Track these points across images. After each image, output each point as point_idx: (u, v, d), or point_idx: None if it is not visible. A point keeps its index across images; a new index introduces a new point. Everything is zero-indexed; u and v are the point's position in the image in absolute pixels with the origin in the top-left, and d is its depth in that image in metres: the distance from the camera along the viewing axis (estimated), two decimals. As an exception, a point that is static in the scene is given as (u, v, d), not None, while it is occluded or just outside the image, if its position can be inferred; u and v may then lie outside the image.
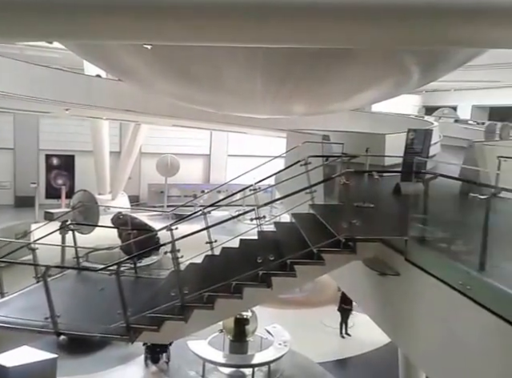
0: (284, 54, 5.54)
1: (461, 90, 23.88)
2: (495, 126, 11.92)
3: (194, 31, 3.40)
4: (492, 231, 4.05)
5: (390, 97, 10.90)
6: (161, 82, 7.80)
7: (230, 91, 7.33)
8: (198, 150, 29.35)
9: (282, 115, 11.66)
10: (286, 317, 13.78)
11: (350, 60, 6.40)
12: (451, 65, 8.30)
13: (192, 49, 4.45)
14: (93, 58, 8.45)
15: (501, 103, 22.39)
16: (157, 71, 6.91)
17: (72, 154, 27.49)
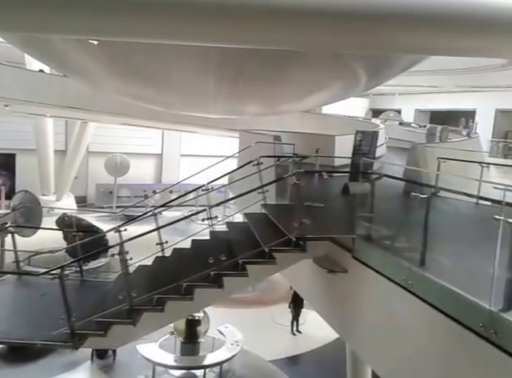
0: (236, 53, 5.53)
1: (405, 95, 25.02)
2: (435, 129, 12.59)
3: (139, 28, 3.33)
4: (432, 228, 4.28)
5: (339, 99, 11.20)
6: (108, 79, 7.54)
7: (181, 90, 7.22)
8: (150, 149, 28.55)
9: (234, 115, 11.67)
10: (239, 317, 13.80)
11: (300, 62, 6.50)
12: (395, 70, 8.66)
13: (141, 45, 4.34)
14: (34, 52, 8.01)
15: (441, 107, 23.76)
16: (104, 67, 6.67)
17: (13, 153, 25.96)
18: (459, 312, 3.38)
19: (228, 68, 6.32)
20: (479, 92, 18.70)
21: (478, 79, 13.69)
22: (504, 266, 3.18)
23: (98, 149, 26.82)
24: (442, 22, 3.78)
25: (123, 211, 14.26)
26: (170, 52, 5.39)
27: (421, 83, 17.14)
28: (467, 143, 11.28)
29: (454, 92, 19.62)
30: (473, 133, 13.18)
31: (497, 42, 4.24)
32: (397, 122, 20.61)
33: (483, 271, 3.34)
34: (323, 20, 3.54)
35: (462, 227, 5.22)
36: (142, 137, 26.88)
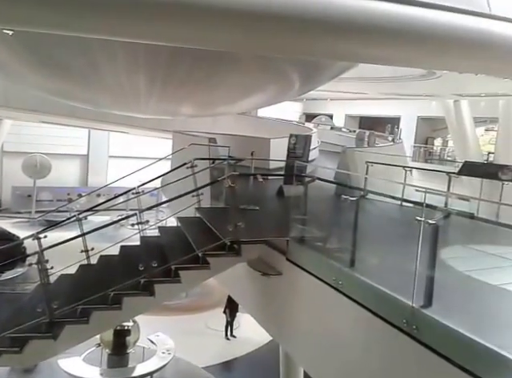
0: (168, 53, 5.34)
1: (336, 100, 25.98)
2: (364, 134, 13.19)
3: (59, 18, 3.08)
4: (361, 229, 4.41)
5: (273, 103, 11.32)
6: (28, 73, 6.96)
7: (109, 88, 6.85)
8: (74, 149, 26.29)
9: (166, 116, 11.34)
10: (172, 324, 13.44)
11: (233, 65, 6.45)
12: (326, 76, 8.91)
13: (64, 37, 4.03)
14: None
15: (369, 113, 25.04)
16: (22, 60, 6.14)
17: None
18: (385, 310, 3.51)
19: (159, 67, 6.10)
20: (403, 100, 19.92)
21: (401, 88, 14.55)
22: (425, 264, 3.34)
23: (15, 148, 24.46)
24: (359, 32, 3.92)
25: (43, 216, 13.11)
26: (96, 46, 5.07)
27: (350, 90, 17.86)
28: (392, 148, 11.93)
29: (381, 99, 20.71)
30: (397, 138, 13.99)
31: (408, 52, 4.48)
32: (329, 126, 21.35)
33: (407, 269, 3.48)
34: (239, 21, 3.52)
35: (389, 228, 5.47)
36: (65, 136, 24.81)
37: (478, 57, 4.73)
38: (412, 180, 9.39)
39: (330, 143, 15.85)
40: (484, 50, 4.58)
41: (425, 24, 4.12)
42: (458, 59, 4.79)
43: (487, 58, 4.75)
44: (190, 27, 3.48)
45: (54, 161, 23.71)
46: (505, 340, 2.79)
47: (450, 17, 4.24)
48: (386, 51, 4.35)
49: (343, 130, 20.20)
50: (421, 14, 4.09)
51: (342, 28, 3.82)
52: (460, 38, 4.34)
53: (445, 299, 3.40)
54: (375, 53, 4.40)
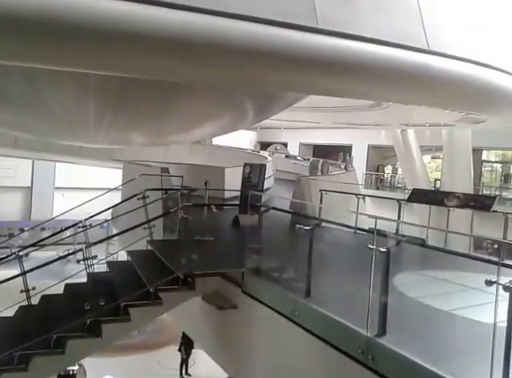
0: (117, 81, 5.23)
1: (290, 129, 26.58)
2: (317, 162, 13.49)
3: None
4: (316, 259, 4.40)
5: (227, 132, 11.37)
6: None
7: (55, 118, 6.61)
8: (16, 181, 24.35)
9: (117, 146, 11.08)
10: (123, 365, 12.68)
11: (186, 93, 6.44)
12: (279, 106, 9.09)
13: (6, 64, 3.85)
14: None
15: (322, 142, 25.74)
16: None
17: None
18: (341, 340, 3.46)
19: (109, 95, 5.96)
20: (354, 129, 20.69)
21: (352, 118, 15.13)
22: (378, 292, 3.34)
23: None
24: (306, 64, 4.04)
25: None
26: (40, 73, 4.89)
27: (303, 119, 18.36)
28: (345, 176, 12.25)
29: (334, 128, 21.40)
30: (349, 166, 14.39)
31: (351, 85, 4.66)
32: (283, 154, 21.70)
33: (361, 298, 3.47)
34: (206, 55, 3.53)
35: (343, 256, 5.50)
36: (6, 167, 23.24)
37: (419, 90, 4.98)
38: (365, 207, 9.61)
39: (284, 171, 16.07)
40: (423, 84, 4.83)
41: (369, 59, 4.29)
42: (399, 91, 5.02)
43: (426, 90, 5.01)
44: (132, 57, 3.44)
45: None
46: (457, 367, 2.81)
47: (393, 52, 4.46)
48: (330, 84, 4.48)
49: (298, 159, 20.59)
50: (366, 48, 4.28)
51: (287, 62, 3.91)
52: (400, 72, 4.55)
53: (398, 326, 3.40)
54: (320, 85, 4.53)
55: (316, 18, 4.09)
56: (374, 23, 4.51)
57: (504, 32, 6.19)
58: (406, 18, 4.83)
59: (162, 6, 3.30)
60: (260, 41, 3.71)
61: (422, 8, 4.87)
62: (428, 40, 4.81)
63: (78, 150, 12.56)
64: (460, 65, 4.96)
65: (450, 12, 5.38)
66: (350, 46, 4.22)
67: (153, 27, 3.29)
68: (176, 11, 3.34)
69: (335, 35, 4.16)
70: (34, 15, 2.95)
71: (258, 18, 3.64)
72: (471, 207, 6.07)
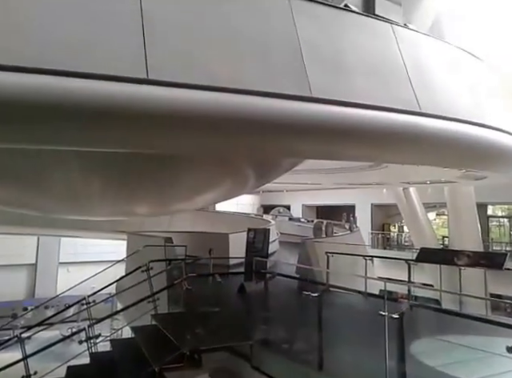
0: (121, 154, 5.36)
1: (292, 191, 26.80)
2: (321, 223, 13.43)
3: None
4: (327, 326, 4.22)
5: (229, 198, 11.45)
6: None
7: (58, 193, 6.72)
8: (20, 259, 23.72)
9: (120, 217, 11.13)
10: None
11: (187, 164, 6.58)
12: (280, 170, 9.23)
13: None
14: None
15: (325, 203, 25.79)
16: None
17: None
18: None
19: (112, 169, 6.09)
20: (356, 189, 20.81)
21: (353, 178, 15.29)
22: (395, 362, 3.17)
23: None
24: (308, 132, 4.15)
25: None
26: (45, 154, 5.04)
27: (305, 181, 18.57)
28: (350, 237, 12.12)
29: (336, 189, 21.55)
30: (354, 227, 14.30)
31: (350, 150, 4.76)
32: (286, 217, 21.69)
33: (378, 369, 3.28)
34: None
35: (354, 323, 5.27)
36: (11, 245, 22.95)
37: (413, 150, 5.07)
38: (373, 268, 9.41)
39: (289, 234, 15.96)
40: (417, 144, 4.93)
41: (362, 123, 4.42)
42: (394, 153, 5.11)
43: (421, 151, 5.10)
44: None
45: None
46: None
47: (386, 115, 4.60)
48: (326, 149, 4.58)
49: (301, 221, 20.55)
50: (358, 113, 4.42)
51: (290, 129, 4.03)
52: (394, 134, 4.67)
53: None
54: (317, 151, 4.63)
55: (309, 88, 4.27)
56: (365, 89, 4.69)
57: (491, 91, 6.43)
58: (397, 83, 5.04)
59: (167, 86, 3.45)
60: (257, 111, 3.85)
61: (411, 73, 5.10)
62: (419, 103, 4.98)
63: (83, 223, 12.62)
64: (452, 125, 5.09)
65: (438, 76, 5.62)
66: (342, 112, 4.36)
67: (163, 106, 3.41)
68: (179, 89, 3.48)
69: (328, 103, 4.32)
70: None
71: (256, 92, 3.79)
72: (483, 266, 5.93)
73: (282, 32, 4.29)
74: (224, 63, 3.77)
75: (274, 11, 4.31)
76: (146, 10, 3.43)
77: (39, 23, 3.06)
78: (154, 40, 3.42)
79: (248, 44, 4.01)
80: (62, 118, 3.08)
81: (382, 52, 4.89)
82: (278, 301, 5.61)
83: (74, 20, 3.18)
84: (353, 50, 4.60)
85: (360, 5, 5.36)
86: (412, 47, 5.20)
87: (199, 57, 3.66)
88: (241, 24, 3.99)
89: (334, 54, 4.44)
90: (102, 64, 3.17)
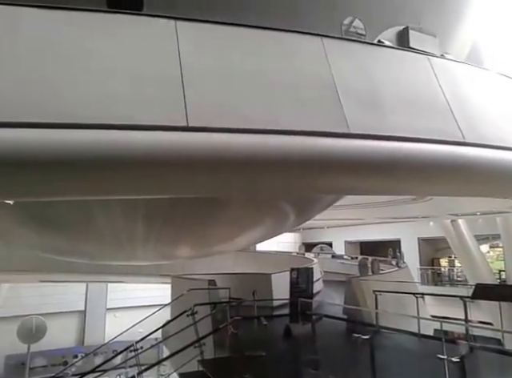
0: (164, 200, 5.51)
1: (333, 228, 26.31)
2: (366, 260, 13.02)
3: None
4: (380, 372, 3.97)
5: (271, 236, 11.40)
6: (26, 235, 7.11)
7: (105, 240, 6.94)
8: (71, 306, 24.04)
9: (164, 261, 11.30)
10: None
11: (229, 204, 6.65)
12: (320, 207, 9.14)
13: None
14: None
15: (368, 238, 25.04)
16: (21, 223, 6.31)
17: None
18: None
19: (156, 214, 6.25)
20: (401, 222, 20.14)
21: (396, 212, 14.88)
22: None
23: (10, 313, 22.89)
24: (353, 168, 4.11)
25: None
26: (92, 203, 5.26)
27: (346, 216, 18.25)
28: (398, 274, 11.62)
29: (379, 223, 20.97)
30: (401, 262, 13.74)
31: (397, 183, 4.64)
32: (329, 255, 21.19)
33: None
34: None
35: (410, 368, 4.94)
36: (61, 293, 23.73)
37: (460, 181, 4.88)
38: (424, 306, 8.91)
39: (333, 272, 15.54)
40: (464, 174, 4.75)
41: (403, 157, 4.33)
42: (442, 185, 4.94)
43: (468, 181, 4.91)
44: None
45: (49, 321, 21.61)
46: None
47: (431, 147, 4.49)
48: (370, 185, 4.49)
49: (345, 258, 20.02)
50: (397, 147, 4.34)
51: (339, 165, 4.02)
52: (443, 166, 4.53)
53: None
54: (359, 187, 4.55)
55: (347, 124, 4.27)
56: (405, 122, 4.62)
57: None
58: (437, 113, 4.94)
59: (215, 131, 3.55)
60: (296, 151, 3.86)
61: (451, 103, 5.00)
62: (463, 132, 4.84)
63: (128, 268, 12.92)
64: (499, 153, 4.89)
65: (480, 103, 5.48)
66: (382, 146, 4.30)
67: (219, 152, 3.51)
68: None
69: (367, 138, 4.28)
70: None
71: (294, 131, 3.83)
72: (548, 302, 5.46)
73: (316, 71, 4.35)
74: (260, 106, 3.85)
75: (307, 51, 4.41)
76: (185, 65, 3.59)
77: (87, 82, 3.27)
78: (193, 90, 3.55)
79: (282, 86, 4.09)
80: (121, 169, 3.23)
81: (420, 84, 4.85)
82: (326, 344, 5.38)
83: (116, 77, 3.37)
84: (389, 83, 4.59)
85: (394, 39, 5.38)
86: (450, 77, 5.13)
87: (235, 102, 3.77)
88: (275, 67, 4.09)
89: (369, 89, 4.44)
90: (146, 115, 3.32)
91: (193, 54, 3.73)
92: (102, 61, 3.36)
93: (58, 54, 3.25)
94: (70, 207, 5.38)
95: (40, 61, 3.17)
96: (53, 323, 22.13)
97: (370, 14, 5.64)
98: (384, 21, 5.75)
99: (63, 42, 3.32)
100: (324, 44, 4.47)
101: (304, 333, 5.93)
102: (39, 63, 3.16)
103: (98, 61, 3.34)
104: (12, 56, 3.12)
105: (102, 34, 3.51)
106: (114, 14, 3.69)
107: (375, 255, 15.47)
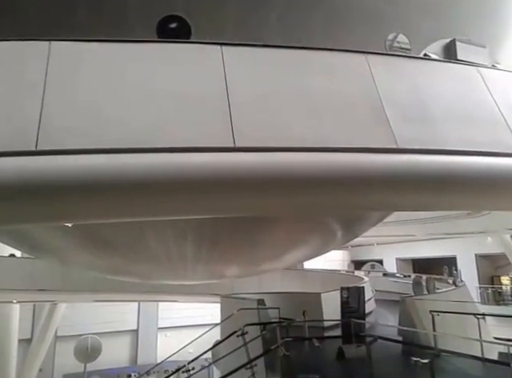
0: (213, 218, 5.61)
1: (384, 244, 25.51)
2: (421, 278, 12.47)
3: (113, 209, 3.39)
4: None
5: (319, 254, 11.24)
6: (83, 256, 7.46)
7: (158, 261, 7.13)
8: (124, 325, 24.76)
9: (213, 280, 11.42)
10: None
11: (277, 222, 6.66)
12: (369, 224, 8.93)
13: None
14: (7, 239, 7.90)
15: (422, 255, 23.98)
16: (78, 245, 6.64)
17: None
18: None
19: (204, 233, 6.37)
20: (455, 238, 19.21)
21: (449, 227, 14.25)
22: None
23: (68, 332, 23.69)
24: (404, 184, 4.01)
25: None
26: (145, 224, 5.44)
27: (396, 233, 17.68)
28: (456, 293, 11.01)
29: (432, 239, 20.11)
30: (458, 281, 13.05)
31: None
32: (380, 273, 20.52)
33: None
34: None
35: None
36: (114, 312, 24.39)
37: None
38: (486, 327, 8.39)
39: (385, 291, 15.02)
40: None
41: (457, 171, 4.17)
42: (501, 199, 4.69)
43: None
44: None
45: (104, 340, 22.28)
46: None
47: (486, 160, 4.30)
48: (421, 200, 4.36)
49: (397, 276, 19.30)
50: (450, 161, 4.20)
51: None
52: (502, 179, 4.32)
53: None
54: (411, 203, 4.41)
55: (395, 140, 4.19)
56: (455, 135, 4.47)
57: None
58: (490, 124, 4.75)
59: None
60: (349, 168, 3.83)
61: (505, 113, 4.79)
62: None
63: (178, 287, 13.18)
64: None
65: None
66: (433, 160, 4.17)
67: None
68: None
69: (416, 152, 4.17)
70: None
71: (345, 148, 3.81)
72: None
73: (362, 88, 4.33)
74: (307, 125, 3.87)
75: (351, 69, 4.41)
76: (231, 90, 3.69)
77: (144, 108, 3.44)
78: (239, 111, 3.64)
79: (328, 104, 4.09)
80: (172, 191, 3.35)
81: (471, 95, 4.70)
82: (382, 367, 5.16)
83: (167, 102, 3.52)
84: (438, 96, 4.49)
85: (440, 52, 5.27)
86: (502, 87, 4.93)
87: (282, 122, 3.81)
88: (319, 87, 4.11)
89: (418, 103, 4.35)
90: (195, 138, 3.43)
91: (238, 77, 3.84)
92: (154, 87, 3.53)
93: (116, 82, 3.46)
94: (124, 229, 5.60)
95: (102, 90, 3.39)
96: (107, 342, 22.82)
97: (414, 29, 5.57)
98: (429, 34, 5.65)
99: (120, 71, 3.55)
100: (368, 60, 4.45)
101: (358, 356, 5.72)
102: (103, 93, 3.38)
103: (151, 87, 3.52)
104: (78, 88, 3.36)
105: (154, 63, 3.71)
106: (165, 44, 3.90)
107: (429, 273, 14.80)
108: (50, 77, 3.34)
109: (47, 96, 3.24)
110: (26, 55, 3.49)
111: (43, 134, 3.08)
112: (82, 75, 3.43)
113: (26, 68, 3.40)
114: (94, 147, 3.13)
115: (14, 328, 19.62)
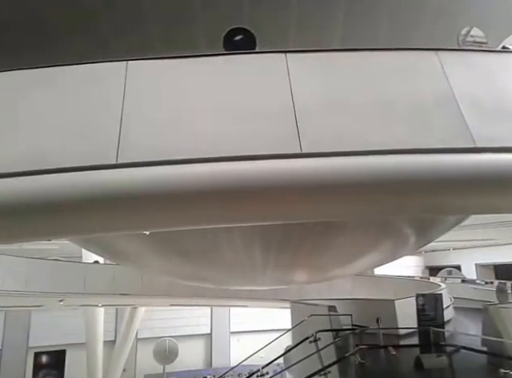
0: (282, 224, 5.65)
1: (460, 249, 24.01)
2: (505, 285, 11.56)
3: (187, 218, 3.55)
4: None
5: (390, 260, 10.86)
6: (161, 262, 7.84)
7: (229, 266, 7.31)
8: (198, 329, 25.79)
9: (282, 285, 11.45)
10: None
11: (347, 227, 6.55)
12: (444, 228, 8.49)
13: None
14: (93, 247, 8.62)
15: (504, 261, 22.19)
16: (156, 251, 7.00)
17: (63, 349, 23.63)
18: None
19: (273, 238, 6.43)
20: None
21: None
22: None
23: (148, 335, 24.16)
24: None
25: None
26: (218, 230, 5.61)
27: (474, 237, 16.56)
28: (547, 300, 10.11)
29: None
30: (549, 288, 11.96)
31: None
32: (458, 279, 19.32)
33: None
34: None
35: None
36: (189, 316, 24.72)
37: None
38: None
39: (464, 299, 14.14)
40: None
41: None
42: None
43: None
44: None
45: (181, 343, 23.15)
46: None
47: None
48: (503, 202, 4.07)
49: (478, 283, 18.05)
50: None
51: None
52: None
53: None
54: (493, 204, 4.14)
55: (472, 139, 3.97)
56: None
57: None
58: None
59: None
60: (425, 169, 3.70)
61: None
62: None
63: (249, 293, 13.40)
64: None
65: None
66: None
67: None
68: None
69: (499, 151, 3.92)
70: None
71: (422, 149, 3.68)
72: None
73: (433, 86, 4.15)
74: (376, 127, 3.78)
75: (422, 67, 4.25)
76: (297, 102, 3.70)
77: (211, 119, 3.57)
78: (305, 120, 3.64)
79: (398, 104, 3.97)
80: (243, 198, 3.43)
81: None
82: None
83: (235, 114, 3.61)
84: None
85: (520, 44, 4.91)
86: None
87: (350, 125, 3.76)
88: (388, 88, 4.00)
89: (497, 98, 4.08)
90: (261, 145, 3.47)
91: (303, 83, 3.85)
92: (224, 99, 3.65)
93: (188, 96, 3.62)
94: (198, 237, 5.82)
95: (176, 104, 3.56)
96: (184, 345, 23.90)
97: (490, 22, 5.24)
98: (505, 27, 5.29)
99: (190, 85, 3.70)
100: (440, 57, 4.26)
101: (438, 366, 5.44)
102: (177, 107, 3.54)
103: (221, 99, 3.64)
104: (141, 102, 3.55)
105: (220, 74, 3.83)
106: (231, 56, 4.02)
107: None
108: (127, 95, 3.56)
109: (125, 113, 3.45)
110: (105, 76, 3.74)
111: (122, 147, 3.28)
112: (156, 92, 3.63)
113: (104, 89, 3.65)
114: (168, 159, 3.29)
115: (100, 331, 21.37)
